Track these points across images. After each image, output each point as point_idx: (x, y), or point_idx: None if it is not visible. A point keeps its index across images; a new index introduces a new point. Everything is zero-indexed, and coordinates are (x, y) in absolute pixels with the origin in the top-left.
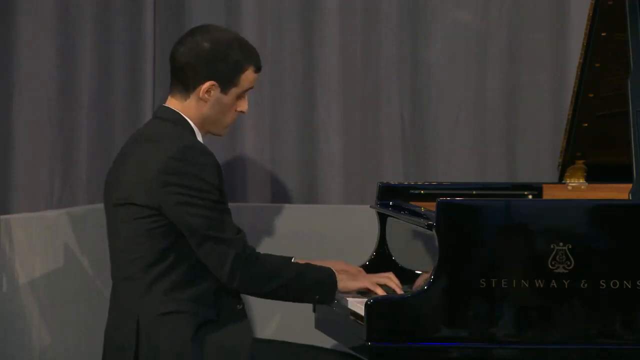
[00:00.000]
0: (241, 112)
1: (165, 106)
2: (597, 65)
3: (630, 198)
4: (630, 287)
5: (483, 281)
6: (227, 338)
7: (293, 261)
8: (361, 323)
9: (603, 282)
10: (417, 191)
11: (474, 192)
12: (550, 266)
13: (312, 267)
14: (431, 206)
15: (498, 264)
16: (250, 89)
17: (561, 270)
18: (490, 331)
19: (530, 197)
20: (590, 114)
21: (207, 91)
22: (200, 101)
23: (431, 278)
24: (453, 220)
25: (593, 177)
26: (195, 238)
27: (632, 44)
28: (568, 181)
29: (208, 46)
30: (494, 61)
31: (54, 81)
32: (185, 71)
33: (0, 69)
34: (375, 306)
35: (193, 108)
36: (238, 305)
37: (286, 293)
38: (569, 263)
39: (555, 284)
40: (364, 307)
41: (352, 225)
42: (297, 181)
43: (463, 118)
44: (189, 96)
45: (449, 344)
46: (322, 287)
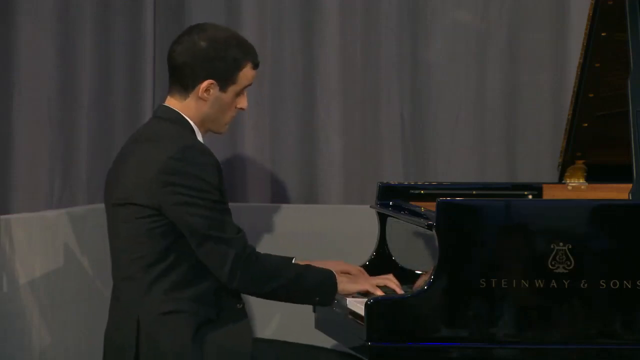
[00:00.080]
0: (241, 109)
1: (165, 105)
2: (597, 65)
3: (630, 198)
4: (630, 287)
5: (483, 281)
6: (227, 338)
7: (294, 262)
8: (361, 323)
9: (603, 282)
10: (417, 191)
11: (474, 192)
12: (550, 266)
13: (313, 269)
14: (431, 206)
15: (498, 264)
16: (249, 86)
17: (561, 270)
18: (490, 331)
19: (530, 197)
20: (590, 114)
21: (206, 90)
22: (199, 100)
23: (431, 278)
24: (453, 220)
25: (593, 177)
26: (195, 238)
27: (632, 44)
28: (568, 181)
29: (205, 45)
30: (494, 61)
31: (54, 81)
32: (183, 71)
33: (0, 69)
34: (375, 306)
35: (192, 107)
36: (238, 304)
37: (286, 293)
38: (569, 263)
39: (555, 284)
40: (364, 307)
41: (352, 225)
42: (297, 181)
43: (463, 118)
44: (188, 95)
45: (449, 344)
46: (322, 289)
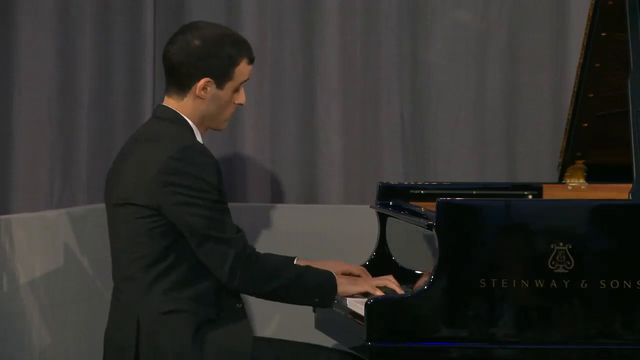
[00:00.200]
0: (240, 105)
1: (163, 105)
2: (597, 65)
3: (630, 198)
4: (630, 287)
5: (483, 281)
6: (227, 337)
7: (295, 262)
8: (361, 323)
9: (603, 282)
10: (417, 191)
11: (474, 192)
12: (550, 266)
13: (313, 270)
14: (431, 206)
15: (498, 264)
16: (246, 81)
17: (561, 270)
18: (490, 331)
19: (530, 197)
20: (590, 114)
21: (203, 88)
22: (197, 99)
23: (431, 278)
24: (453, 220)
25: (593, 177)
26: (195, 238)
27: (632, 44)
28: (568, 181)
29: (199, 43)
30: (494, 61)
31: (54, 81)
32: (179, 70)
33: (0, 69)
34: (375, 306)
35: (190, 106)
36: (238, 304)
37: (286, 294)
38: (569, 263)
39: (555, 284)
40: (364, 307)
41: (352, 225)
42: (297, 181)
43: (463, 118)
44: (186, 95)
45: (449, 344)
46: (322, 290)
